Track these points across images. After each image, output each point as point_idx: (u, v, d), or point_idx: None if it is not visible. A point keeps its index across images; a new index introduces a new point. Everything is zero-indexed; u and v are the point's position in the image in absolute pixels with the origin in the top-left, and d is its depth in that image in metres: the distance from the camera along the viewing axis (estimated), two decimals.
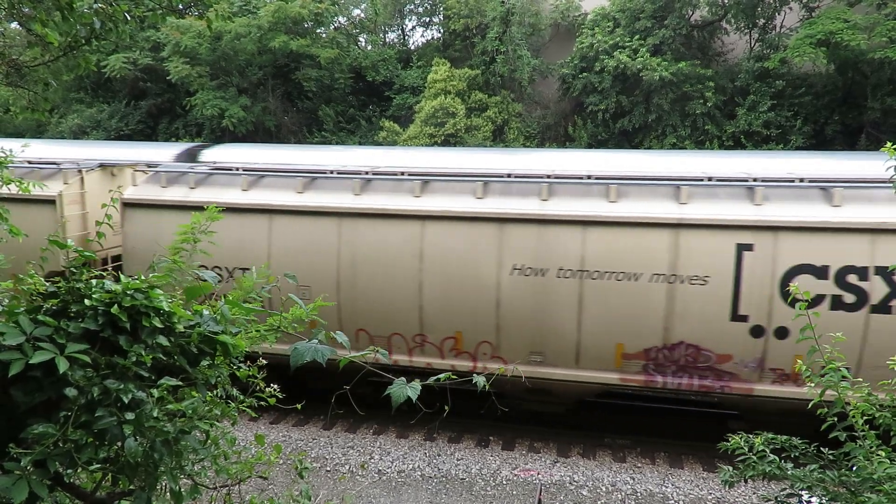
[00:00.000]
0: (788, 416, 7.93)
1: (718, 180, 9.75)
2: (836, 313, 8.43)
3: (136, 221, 10.74)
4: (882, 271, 8.22)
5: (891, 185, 4.14)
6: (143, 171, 11.88)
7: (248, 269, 5.13)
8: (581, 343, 9.22)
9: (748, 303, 8.69)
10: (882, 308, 8.32)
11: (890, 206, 8.49)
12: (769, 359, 8.86)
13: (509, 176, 10.41)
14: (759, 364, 8.91)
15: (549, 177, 10.16)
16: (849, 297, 8.43)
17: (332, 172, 10.83)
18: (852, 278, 8.40)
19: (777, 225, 8.59)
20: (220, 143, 19.57)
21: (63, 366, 2.40)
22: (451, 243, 9.53)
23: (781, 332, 8.70)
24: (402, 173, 10.65)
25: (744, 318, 8.75)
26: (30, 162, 11.84)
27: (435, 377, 2.94)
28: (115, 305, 2.67)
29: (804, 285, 8.26)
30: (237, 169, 11.36)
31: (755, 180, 9.46)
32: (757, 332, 8.77)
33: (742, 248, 8.63)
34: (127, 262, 10.84)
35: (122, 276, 2.88)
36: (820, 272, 8.46)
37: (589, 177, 10.27)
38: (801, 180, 9.61)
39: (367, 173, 10.68)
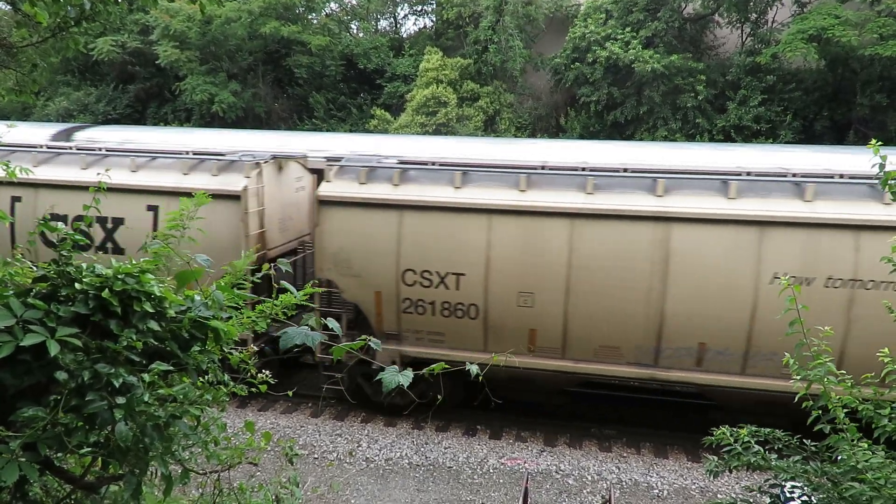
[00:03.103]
0: None
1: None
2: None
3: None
4: (100, 220, 10.71)
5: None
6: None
7: None
8: None
9: (20, 240, 10.73)
10: (103, 248, 10.70)
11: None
12: None
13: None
14: None
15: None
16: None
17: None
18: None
19: (38, 183, 10.79)
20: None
21: (54, 349, 2.39)
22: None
23: None
24: None
25: None
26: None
27: (429, 367, 2.95)
28: (106, 289, 2.65)
29: None
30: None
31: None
32: None
33: (14, 199, 11.11)
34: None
35: (113, 261, 2.87)
36: (62, 220, 10.77)
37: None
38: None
39: None
